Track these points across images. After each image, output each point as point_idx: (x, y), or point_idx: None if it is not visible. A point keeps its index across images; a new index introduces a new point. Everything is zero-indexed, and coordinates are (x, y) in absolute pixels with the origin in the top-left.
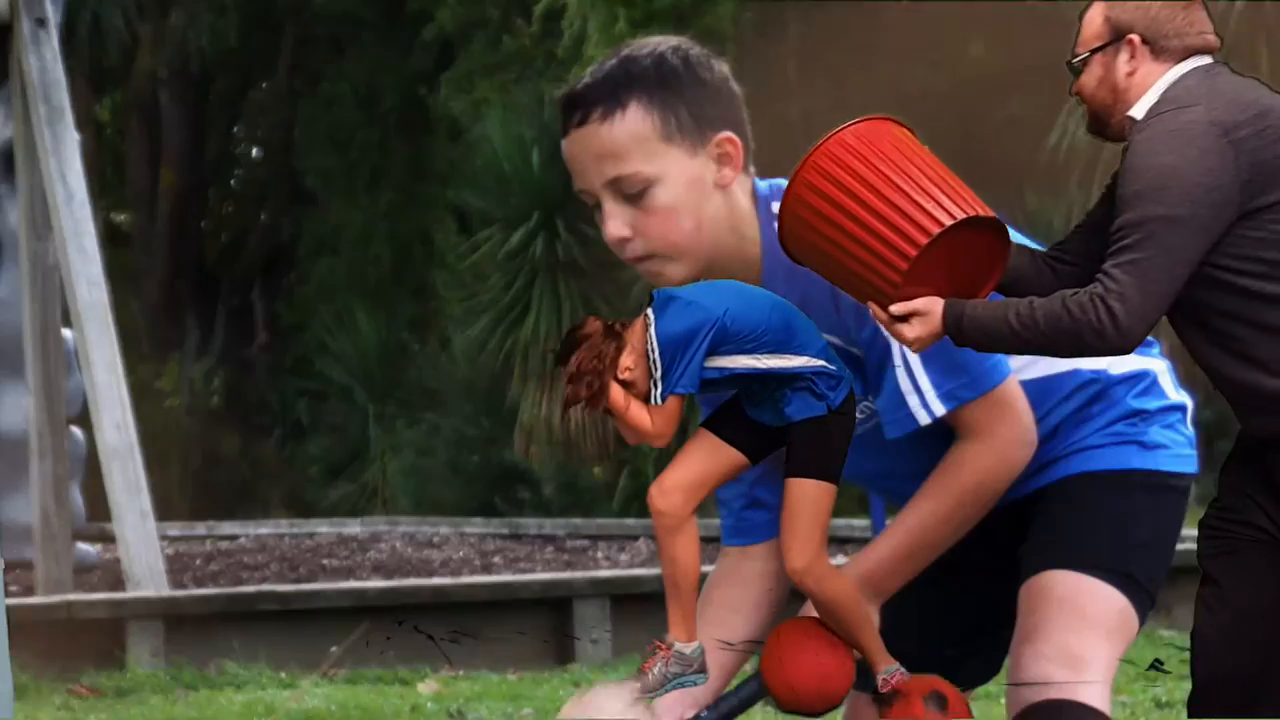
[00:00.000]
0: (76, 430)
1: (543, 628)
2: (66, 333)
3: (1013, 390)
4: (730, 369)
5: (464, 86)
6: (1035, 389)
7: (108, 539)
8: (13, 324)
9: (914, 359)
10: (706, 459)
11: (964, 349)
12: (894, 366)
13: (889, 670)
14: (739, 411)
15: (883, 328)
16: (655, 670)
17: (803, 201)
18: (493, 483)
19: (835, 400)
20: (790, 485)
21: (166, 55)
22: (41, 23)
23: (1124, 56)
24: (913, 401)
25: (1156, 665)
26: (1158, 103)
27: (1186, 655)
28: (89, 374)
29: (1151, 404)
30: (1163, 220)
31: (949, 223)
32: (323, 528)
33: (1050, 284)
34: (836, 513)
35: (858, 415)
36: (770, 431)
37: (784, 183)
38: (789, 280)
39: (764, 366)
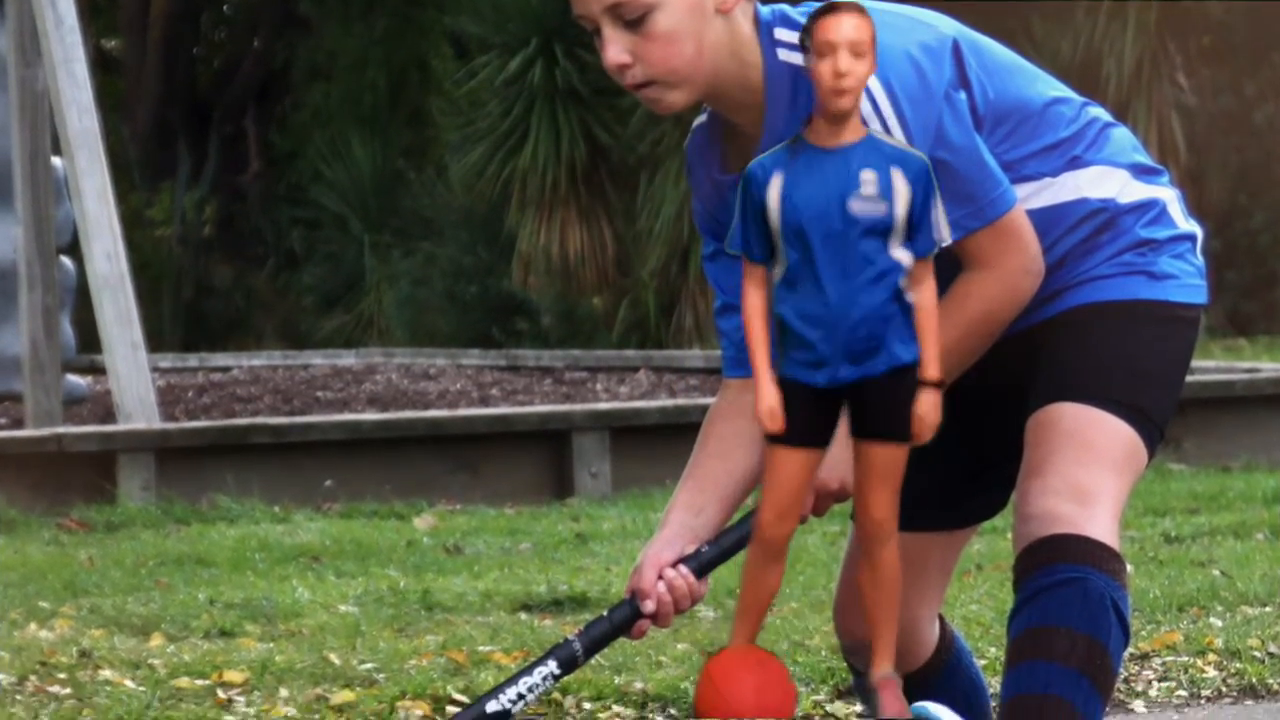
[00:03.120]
0: (66, 260)
1: (541, 461)
2: (56, 161)
3: (1020, 219)
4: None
5: None
6: (1042, 218)
7: (98, 371)
8: (1, 152)
9: None
10: (790, 476)
11: (970, 178)
12: None
13: (888, 674)
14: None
15: None
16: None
17: None
18: (490, 313)
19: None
20: (875, 449)
21: None
22: None
23: None
24: None
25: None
26: None
27: (1196, 491)
28: (79, 203)
29: (1160, 233)
30: None
31: None
32: (317, 359)
33: None
34: None
35: None
36: (830, 408)
37: (786, 8)
38: (791, 108)
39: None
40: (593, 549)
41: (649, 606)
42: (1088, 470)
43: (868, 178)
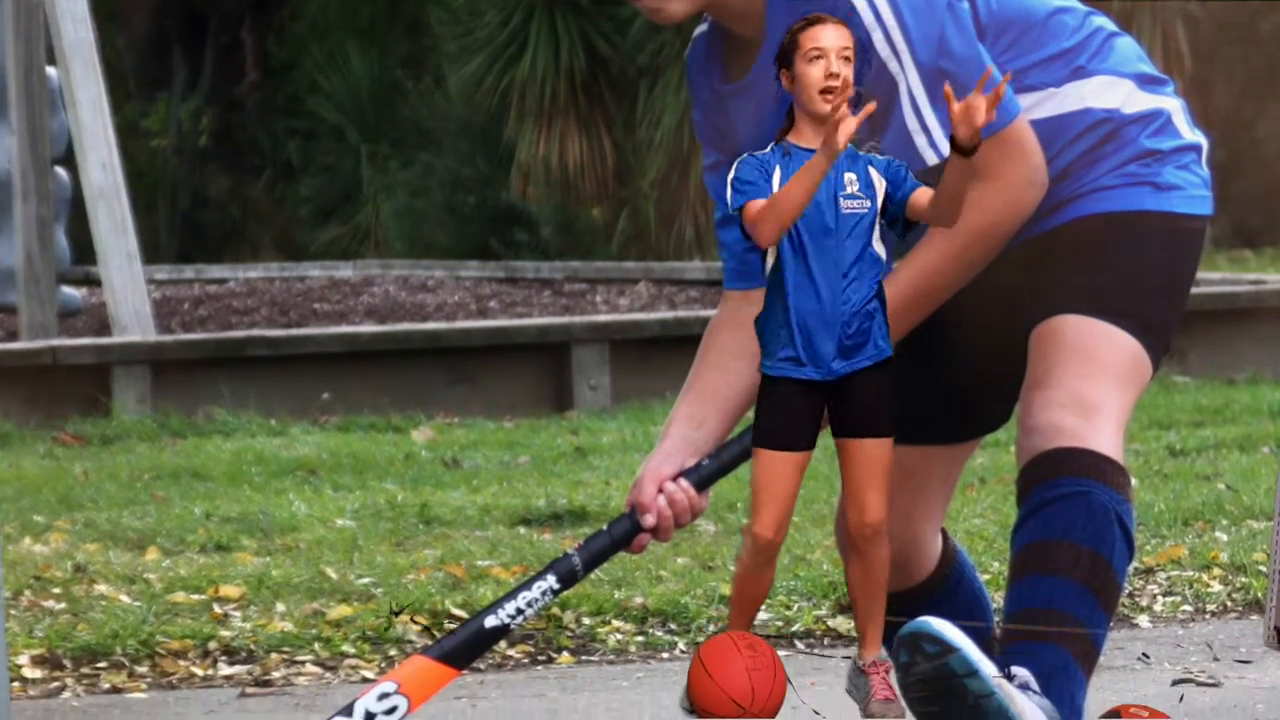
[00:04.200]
0: (61, 171)
1: (540, 373)
2: (51, 71)
3: (1023, 129)
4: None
5: None
6: (1045, 128)
7: (93, 282)
8: None
9: (921, 96)
10: (786, 482)
11: (972, 88)
12: (901, 104)
13: (878, 657)
14: (787, 412)
15: (888, 63)
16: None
17: None
18: (488, 224)
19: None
20: (867, 446)
21: None
22: None
23: None
24: (920, 141)
25: (1145, 659)
26: None
27: (1201, 403)
28: (74, 113)
29: (1165, 144)
30: None
31: None
32: (314, 270)
33: None
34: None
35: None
36: (818, 406)
37: None
38: (790, 12)
39: None
40: (592, 462)
41: (649, 520)
42: (1091, 383)
43: (850, 178)
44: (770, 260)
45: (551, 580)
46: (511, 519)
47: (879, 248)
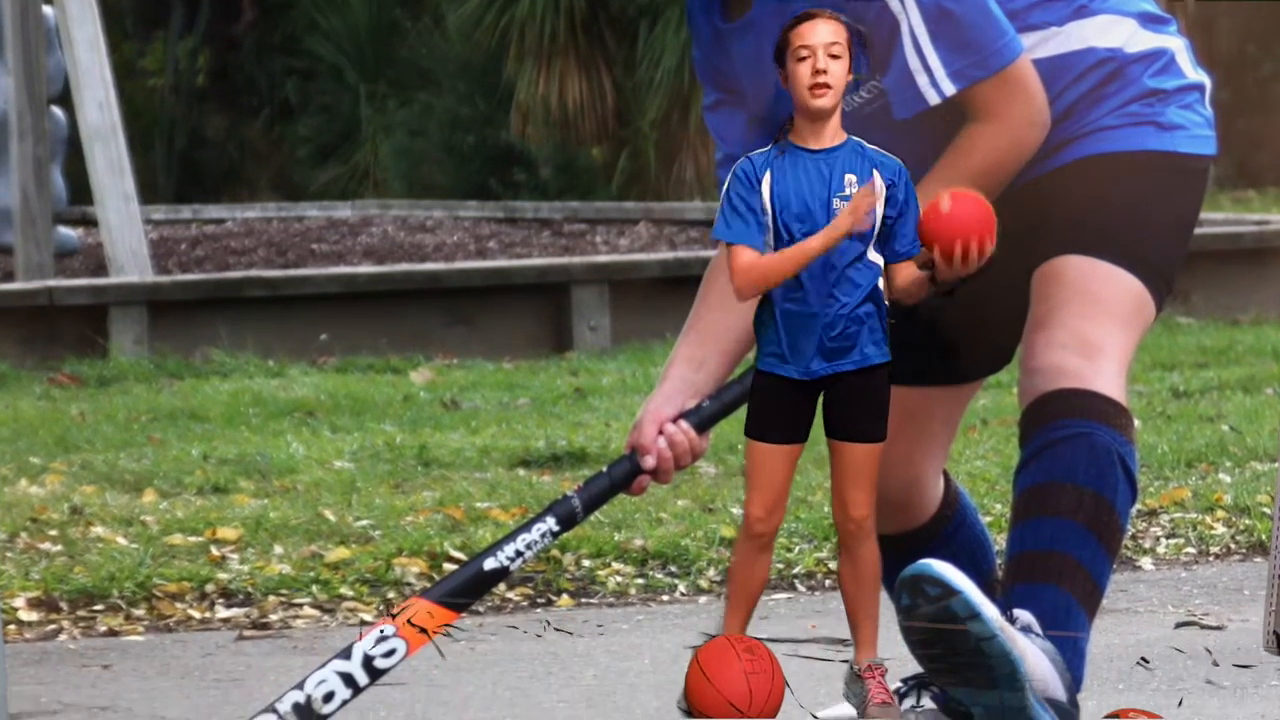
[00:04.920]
0: (57, 110)
1: (539, 314)
2: (47, 9)
3: (1025, 69)
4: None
5: None
6: (1048, 68)
7: (90, 223)
8: None
9: (923, 35)
10: (774, 472)
11: (974, 26)
12: (902, 44)
13: (874, 660)
14: (773, 408)
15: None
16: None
17: None
18: (488, 164)
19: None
20: (853, 450)
21: None
22: None
23: None
24: (921, 80)
25: (1143, 663)
26: None
27: (1204, 345)
28: (71, 52)
29: (1169, 83)
30: None
31: None
32: (312, 211)
33: None
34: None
35: (864, 95)
36: (806, 402)
37: None
38: None
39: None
40: (592, 404)
41: (649, 462)
42: (1094, 324)
43: (850, 179)
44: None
45: (551, 522)
46: (511, 461)
47: (875, 256)
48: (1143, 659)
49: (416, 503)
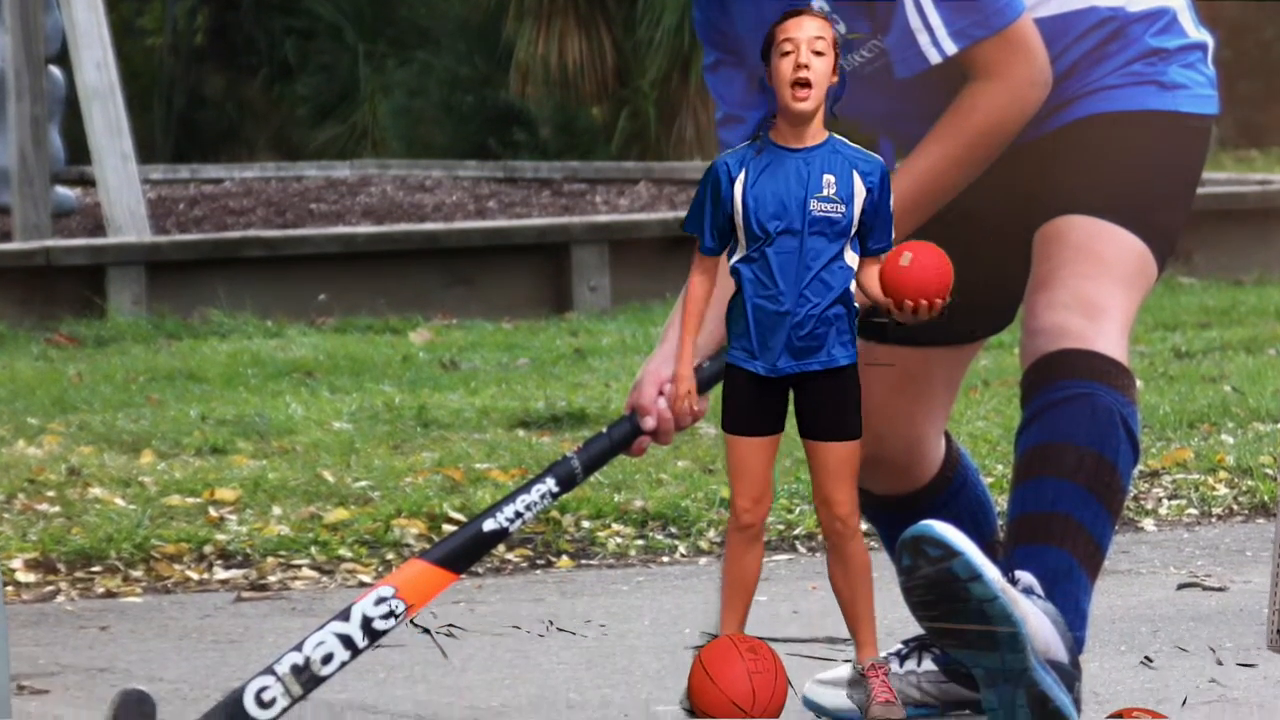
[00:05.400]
0: (55, 70)
1: (539, 274)
2: None
3: (1027, 28)
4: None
5: None
6: (1050, 27)
7: (88, 183)
8: None
9: None
10: (754, 463)
11: None
12: (904, 2)
13: (876, 659)
14: (747, 400)
15: None
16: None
17: None
18: (487, 124)
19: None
20: (830, 449)
21: None
22: None
23: None
24: (923, 40)
25: (1146, 662)
26: None
27: (1207, 305)
28: (68, 11)
29: (1171, 42)
30: None
31: None
32: (310, 171)
33: None
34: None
35: (865, 54)
36: (775, 395)
37: None
38: None
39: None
40: (591, 364)
41: (649, 423)
42: (1096, 284)
43: (829, 180)
44: (738, 252)
45: (550, 483)
46: (510, 421)
47: (850, 257)
48: (1146, 658)
49: (415, 464)
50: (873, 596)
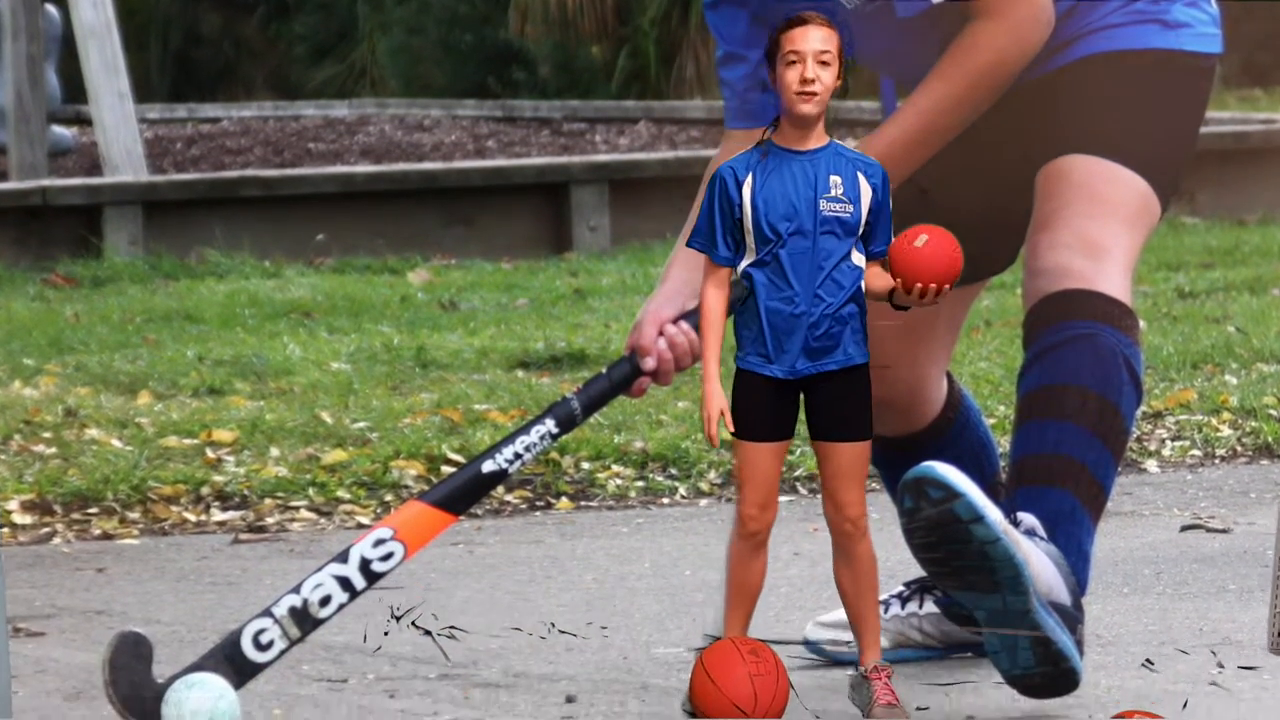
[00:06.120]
0: (51, 8)
1: (538, 214)
2: None
3: None
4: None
5: None
6: None
7: (84, 122)
8: None
9: None
10: (763, 469)
11: None
12: None
13: (879, 662)
14: (757, 405)
15: None
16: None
17: None
18: (486, 63)
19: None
20: (841, 449)
21: None
22: None
23: None
24: None
25: (1147, 664)
26: None
27: (1210, 245)
28: None
29: None
30: None
31: None
32: (308, 110)
33: None
34: (845, 96)
35: None
36: (789, 400)
37: None
38: None
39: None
40: (591, 304)
41: (649, 363)
42: (1099, 224)
43: (835, 180)
44: (747, 257)
45: (550, 424)
46: (509, 362)
47: (858, 257)
48: (1147, 660)
49: (414, 405)
50: (876, 599)
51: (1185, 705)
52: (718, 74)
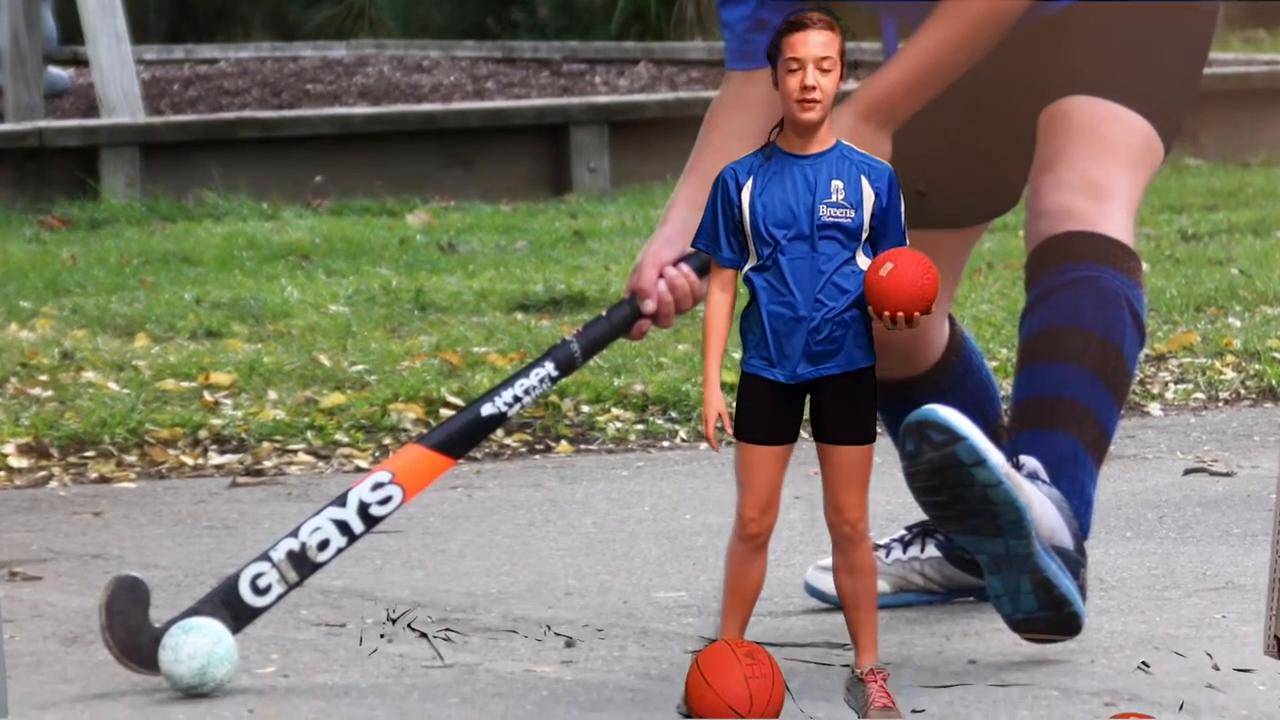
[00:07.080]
0: None
1: (538, 156)
2: None
3: None
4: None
5: None
6: None
7: (81, 63)
8: None
9: None
10: (765, 473)
11: None
12: None
13: (876, 665)
14: (760, 407)
15: None
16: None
17: None
18: (485, 3)
19: None
20: (843, 452)
21: None
22: None
23: None
24: None
25: (1143, 667)
26: None
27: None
28: None
29: None
30: None
31: None
32: (306, 51)
33: None
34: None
35: None
36: (793, 405)
37: None
38: None
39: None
40: (591, 247)
41: (649, 306)
42: (1101, 165)
43: (837, 185)
44: (750, 261)
45: (549, 367)
46: (508, 305)
47: (862, 260)
48: (1143, 663)
49: (413, 347)
50: (875, 602)
51: (1181, 708)
52: (719, 14)
